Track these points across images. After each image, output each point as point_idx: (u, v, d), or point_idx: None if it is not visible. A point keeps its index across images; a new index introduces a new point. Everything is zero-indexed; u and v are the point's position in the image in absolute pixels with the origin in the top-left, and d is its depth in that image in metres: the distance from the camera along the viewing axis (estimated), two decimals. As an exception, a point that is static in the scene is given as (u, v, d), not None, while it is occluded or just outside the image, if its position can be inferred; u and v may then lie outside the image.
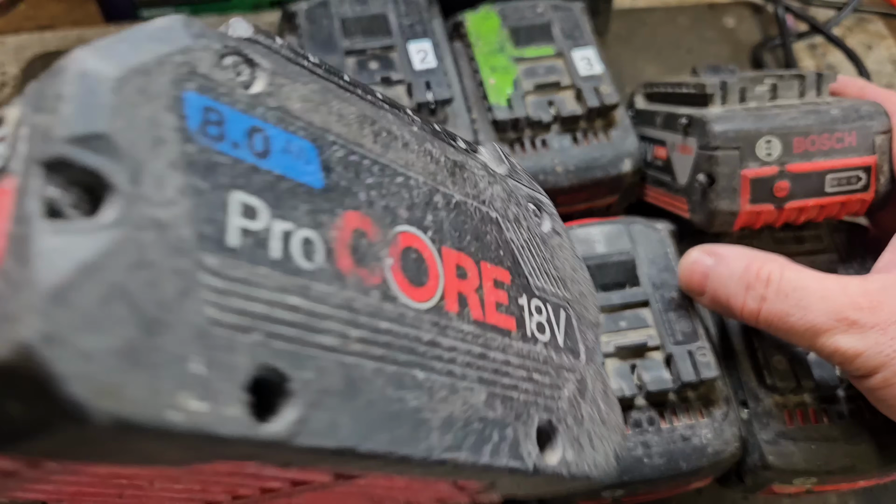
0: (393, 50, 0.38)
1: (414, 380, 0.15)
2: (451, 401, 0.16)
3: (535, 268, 0.21)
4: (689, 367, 0.30)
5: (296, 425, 0.13)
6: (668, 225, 0.36)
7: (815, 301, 0.27)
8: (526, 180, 0.22)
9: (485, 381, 0.17)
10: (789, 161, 0.32)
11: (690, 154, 0.34)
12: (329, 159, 0.16)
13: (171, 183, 0.12)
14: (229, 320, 0.12)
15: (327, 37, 0.39)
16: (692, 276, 0.31)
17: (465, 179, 0.19)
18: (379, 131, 0.17)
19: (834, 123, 0.32)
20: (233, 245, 0.13)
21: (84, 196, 0.12)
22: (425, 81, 0.37)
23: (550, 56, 0.40)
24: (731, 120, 0.32)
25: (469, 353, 0.17)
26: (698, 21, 0.55)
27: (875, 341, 0.26)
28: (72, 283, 0.11)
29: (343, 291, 0.15)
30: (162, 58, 0.13)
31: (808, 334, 0.27)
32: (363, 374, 0.14)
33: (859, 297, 0.27)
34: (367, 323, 0.15)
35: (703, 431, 0.30)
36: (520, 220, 0.21)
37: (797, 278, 0.28)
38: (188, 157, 0.13)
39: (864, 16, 0.57)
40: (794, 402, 0.32)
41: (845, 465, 0.31)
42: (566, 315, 0.21)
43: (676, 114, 0.36)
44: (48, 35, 0.50)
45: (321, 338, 0.14)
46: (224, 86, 0.14)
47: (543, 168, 0.37)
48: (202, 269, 0.12)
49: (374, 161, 0.17)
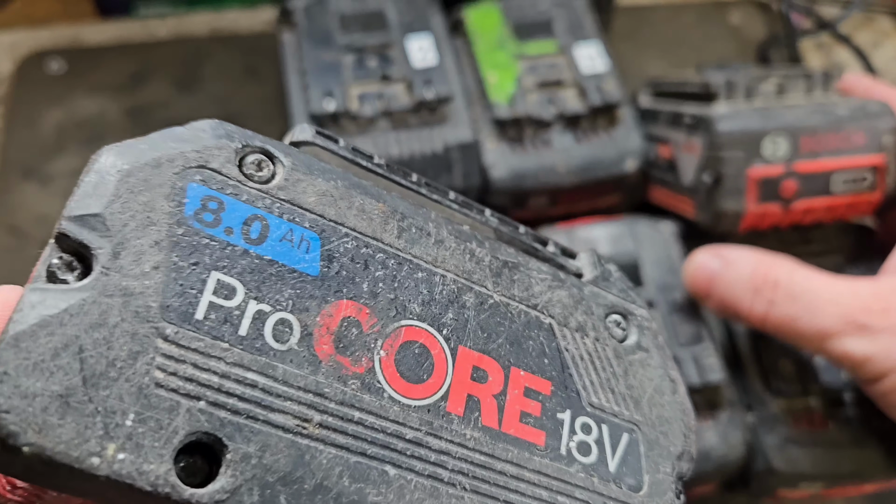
0: (391, 47, 0.38)
1: (382, 475, 0.15)
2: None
3: (594, 383, 0.19)
4: (693, 370, 0.30)
5: (224, 494, 0.14)
6: (674, 225, 0.35)
7: (825, 304, 0.27)
8: (619, 289, 0.21)
9: (480, 492, 0.17)
10: (796, 160, 0.32)
11: (696, 153, 0.34)
12: (333, 249, 0.17)
13: (149, 259, 0.14)
14: (175, 385, 0.14)
15: (325, 33, 0.38)
16: (697, 279, 0.30)
17: (515, 281, 0.19)
18: (408, 227, 0.18)
19: (841, 122, 0.32)
20: (199, 318, 0.15)
21: (78, 265, 0.14)
22: (425, 78, 0.36)
23: (552, 53, 0.39)
24: (736, 119, 0.32)
25: (466, 460, 0.17)
26: (703, 18, 0.55)
27: (885, 346, 0.26)
28: (30, 333, 0.13)
29: (313, 375, 0.15)
30: (176, 154, 0.15)
31: (817, 338, 0.27)
32: (317, 459, 0.15)
33: (870, 299, 0.27)
34: (336, 410, 0.15)
35: (709, 435, 0.30)
36: (585, 329, 0.20)
37: (806, 281, 0.27)
38: (174, 238, 0.15)
39: (871, 13, 0.57)
40: (800, 407, 0.32)
41: (852, 469, 0.31)
42: (629, 439, 0.19)
43: (681, 112, 0.35)
44: (42, 32, 0.50)
45: (275, 416, 0.15)
46: (232, 179, 0.16)
47: (545, 167, 0.37)
48: (159, 336, 0.14)
49: (391, 255, 0.18)
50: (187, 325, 0.14)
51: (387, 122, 0.36)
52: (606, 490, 0.18)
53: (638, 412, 0.20)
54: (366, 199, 0.18)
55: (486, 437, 0.17)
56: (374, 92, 0.36)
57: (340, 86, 0.36)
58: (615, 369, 0.20)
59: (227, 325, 0.15)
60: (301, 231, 0.16)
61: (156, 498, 0.13)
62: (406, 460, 0.16)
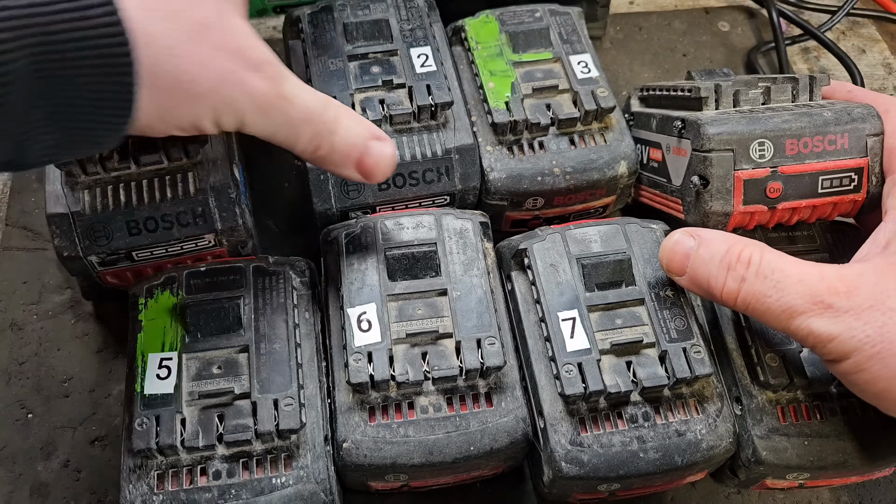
0: (395, 54, 0.39)
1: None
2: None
3: None
4: (683, 363, 0.31)
5: None
6: (664, 225, 0.36)
7: (793, 283, 0.28)
8: None
9: None
10: (782, 163, 0.33)
11: (685, 156, 0.35)
12: None
13: None
14: None
15: (330, 41, 0.39)
16: (673, 256, 0.31)
17: None
18: None
19: (826, 126, 0.33)
20: None
21: None
22: (426, 85, 0.38)
23: (548, 60, 0.41)
24: (724, 123, 0.33)
25: None
26: (693, 25, 0.56)
27: (848, 326, 0.27)
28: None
29: None
30: None
31: (784, 316, 0.28)
32: None
33: (836, 281, 0.27)
34: None
35: (698, 427, 0.31)
36: None
37: (776, 261, 0.28)
38: None
39: (857, 20, 0.58)
40: (787, 399, 0.32)
41: (837, 460, 0.32)
42: None
43: (671, 116, 0.36)
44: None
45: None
46: None
47: (541, 170, 0.38)
48: None
49: None
50: None
51: (389, 126, 0.37)
52: None
53: None
54: None
55: None
56: (377, 97, 0.38)
57: (345, 92, 0.37)
58: None
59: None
60: None
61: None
62: None
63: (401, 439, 0.30)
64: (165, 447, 0.28)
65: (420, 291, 0.33)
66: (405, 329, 0.31)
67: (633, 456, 0.30)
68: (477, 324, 0.32)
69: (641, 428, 0.31)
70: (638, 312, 0.33)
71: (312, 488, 0.29)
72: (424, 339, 0.32)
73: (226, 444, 0.29)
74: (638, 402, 0.31)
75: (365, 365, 0.30)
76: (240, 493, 0.29)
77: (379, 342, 0.31)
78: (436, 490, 0.36)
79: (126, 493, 0.29)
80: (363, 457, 0.30)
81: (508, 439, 0.31)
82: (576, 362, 0.31)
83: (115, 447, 0.36)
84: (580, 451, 0.30)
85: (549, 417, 0.31)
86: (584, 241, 0.35)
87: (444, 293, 0.33)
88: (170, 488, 0.29)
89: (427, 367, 0.31)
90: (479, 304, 0.32)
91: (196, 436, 0.29)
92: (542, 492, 0.34)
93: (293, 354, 0.31)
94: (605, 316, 0.33)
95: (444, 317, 0.32)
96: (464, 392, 0.31)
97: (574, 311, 0.32)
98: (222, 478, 0.29)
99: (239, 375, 0.30)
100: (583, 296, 0.33)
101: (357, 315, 0.31)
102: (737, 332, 0.34)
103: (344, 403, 0.31)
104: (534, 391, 0.32)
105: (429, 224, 0.35)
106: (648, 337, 0.32)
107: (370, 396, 0.31)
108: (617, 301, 0.33)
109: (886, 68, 0.55)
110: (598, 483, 0.31)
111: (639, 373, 0.31)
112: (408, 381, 0.30)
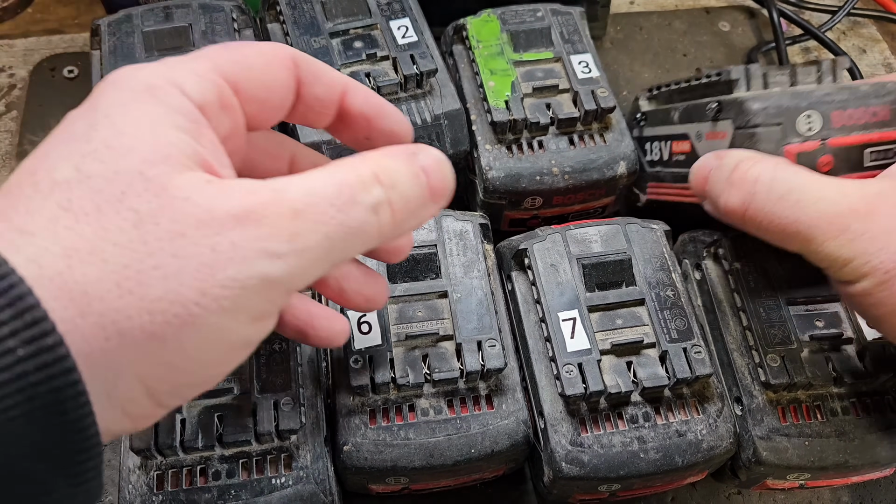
0: (375, 28, 0.40)
1: None
2: None
3: None
4: (683, 363, 0.31)
5: None
6: (664, 225, 0.36)
7: (811, 204, 0.26)
8: None
9: None
10: (830, 135, 0.31)
11: (725, 138, 0.33)
12: None
13: None
14: None
15: (310, 21, 0.40)
16: (697, 177, 0.30)
17: None
18: None
19: (867, 98, 0.31)
20: None
21: None
22: (409, 55, 0.38)
23: (549, 59, 0.41)
24: (767, 98, 0.31)
25: None
26: (694, 25, 0.56)
27: (864, 249, 0.26)
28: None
29: None
30: None
31: (800, 238, 0.27)
32: None
33: (857, 201, 0.26)
34: None
35: (698, 427, 0.31)
36: None
37: (792, 179, 0.27)
38: None
39: (858, 20, 0.58)
40: (787, 399, 0.32)
41: (838, 461, 0.32)
42: None
43: (702, 102, 0.35)
44: (56, 38, 0.51)
45: None
46: None
47: (541, 169, 0.38)
48: None
49: None
50: None
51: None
52: None
53: None
54: None
55: None
56: (363, 71, 0.38)
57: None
58: None
59: None
60: None
61: None
62: None
63: (401, 442, 0.30)
64: (165, 447, 0.28)
65: (420, 293, 0.33)
66: (405, 331, 0.31)
67: (633, 456, 0.30)
68: (477, 326, 0.32)
69: (642, 428, 0.31)
70: (638, 312, 0.33)
71: (312, 489, 0.29)
72: (425, 341, 0.32)
73: (225, 445, 0.29)
74: (638, 402, 0.31)
75: (365, 368, 0.30)
76: (239, 494, 0.29)
77: (379, 345, 0.31)
78: (436, 492, 0.36)
79: (126, 493, 0.29)
80: (364, 460, 0.30)
81: (509, 442, 0.31)
82: (576, 362, 0.31)
83: (114, 447, 0.36)
84: (580, 452, 0.30)
85: (549, 418, 0.31)
86: (585, 241, 0.35)
87: (445, 295, 0.33)
88: (169, 488, 0.29)
89: (427, 370, 0.31)
90: (480, 306, 0.32)
91: (196, 436, 0.29)
92: (543, 492, 0.34)
93: (293, 355, 0.31)
94: (605, 316, 0.33)
95: (445, 319, 0.32)
96: (464, 394, 0.31)
97: (574, 311, 0.32)
98: (222, 478, 0.29)
99: (238, 375, 0.30)
100: (583, 296, 0.33)
101: (357, 317, 0.31)
102: (737, 332, 0.34)
103: (344, 406, 0.31)
104: (534, 391, 0.32)
105: (429, 226, 0.35)
106: (649, 337, 0.32)
107: (370, 399, 0.31)
108: (617, 301, 0.33)
109: (887, 68, 0.55)
110: (598, 483, 0.31)
111: (639, 373, 0.31)
112: (408, 383, 0.30)
